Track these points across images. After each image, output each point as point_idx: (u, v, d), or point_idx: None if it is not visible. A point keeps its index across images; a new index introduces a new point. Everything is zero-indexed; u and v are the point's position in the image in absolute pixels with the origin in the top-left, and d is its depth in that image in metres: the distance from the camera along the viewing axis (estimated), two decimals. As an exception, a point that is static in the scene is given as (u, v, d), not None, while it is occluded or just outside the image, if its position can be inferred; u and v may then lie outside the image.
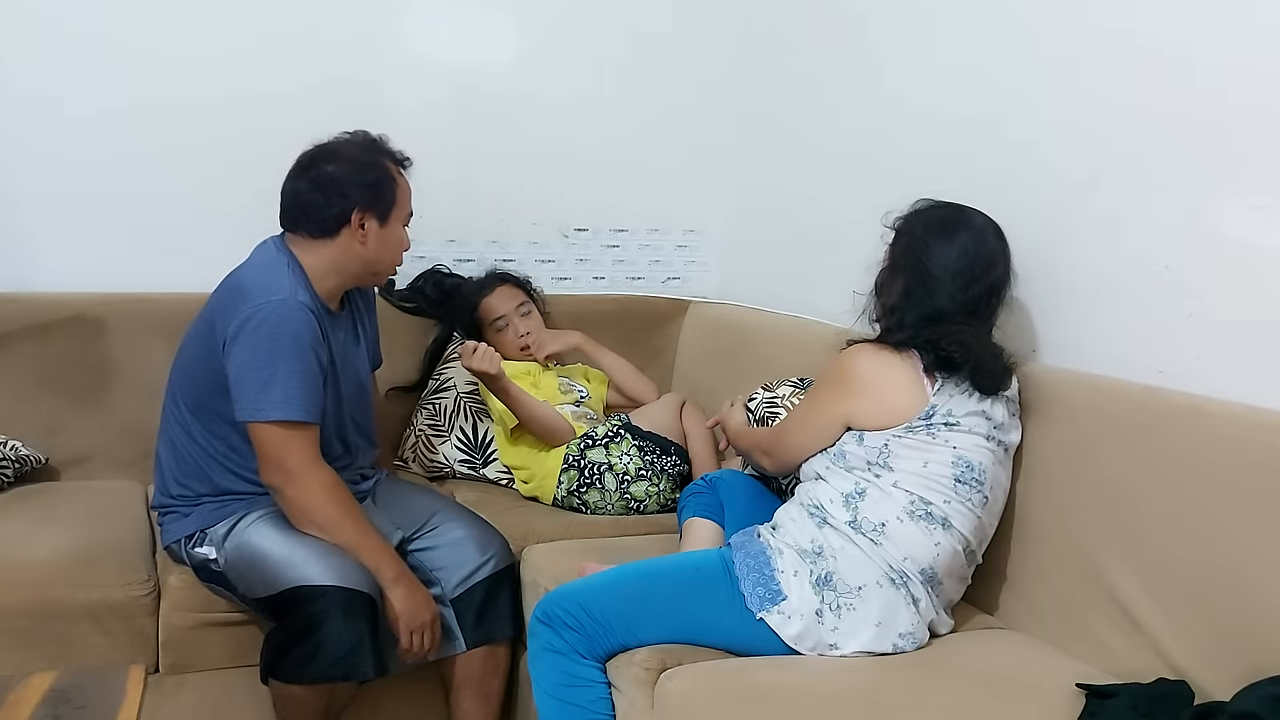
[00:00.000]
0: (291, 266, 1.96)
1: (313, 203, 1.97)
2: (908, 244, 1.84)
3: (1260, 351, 1.61)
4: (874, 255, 1.91)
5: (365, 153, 2.02)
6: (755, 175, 3.00)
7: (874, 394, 1.78)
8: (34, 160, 2.53)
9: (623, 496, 2.42)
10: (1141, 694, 1.48)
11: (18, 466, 2.33)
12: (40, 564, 1.97)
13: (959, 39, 2.22)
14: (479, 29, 2.88)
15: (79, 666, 1.86)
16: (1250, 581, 1.49)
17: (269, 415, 1.86)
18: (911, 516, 1.73)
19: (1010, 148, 2.07)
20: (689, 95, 3.05)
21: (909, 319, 1.80)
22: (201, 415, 1.99)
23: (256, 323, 1.87)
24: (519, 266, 2.85)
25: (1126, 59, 1.83)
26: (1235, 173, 1.65)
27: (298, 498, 1.91)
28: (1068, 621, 1.77)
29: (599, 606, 1.76)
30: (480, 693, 2.09)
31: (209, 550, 1.98)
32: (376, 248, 2.01)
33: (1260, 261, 1.61)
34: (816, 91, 2.71)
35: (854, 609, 1.70)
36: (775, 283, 2.85)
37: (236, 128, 2.64)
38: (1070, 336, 1.92)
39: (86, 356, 2.48)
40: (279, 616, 1.89)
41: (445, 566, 2.07)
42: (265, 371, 1.86)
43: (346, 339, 2.09)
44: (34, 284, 2.53)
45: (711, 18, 3.03)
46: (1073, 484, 1.78)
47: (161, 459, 2.07)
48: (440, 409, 2.66)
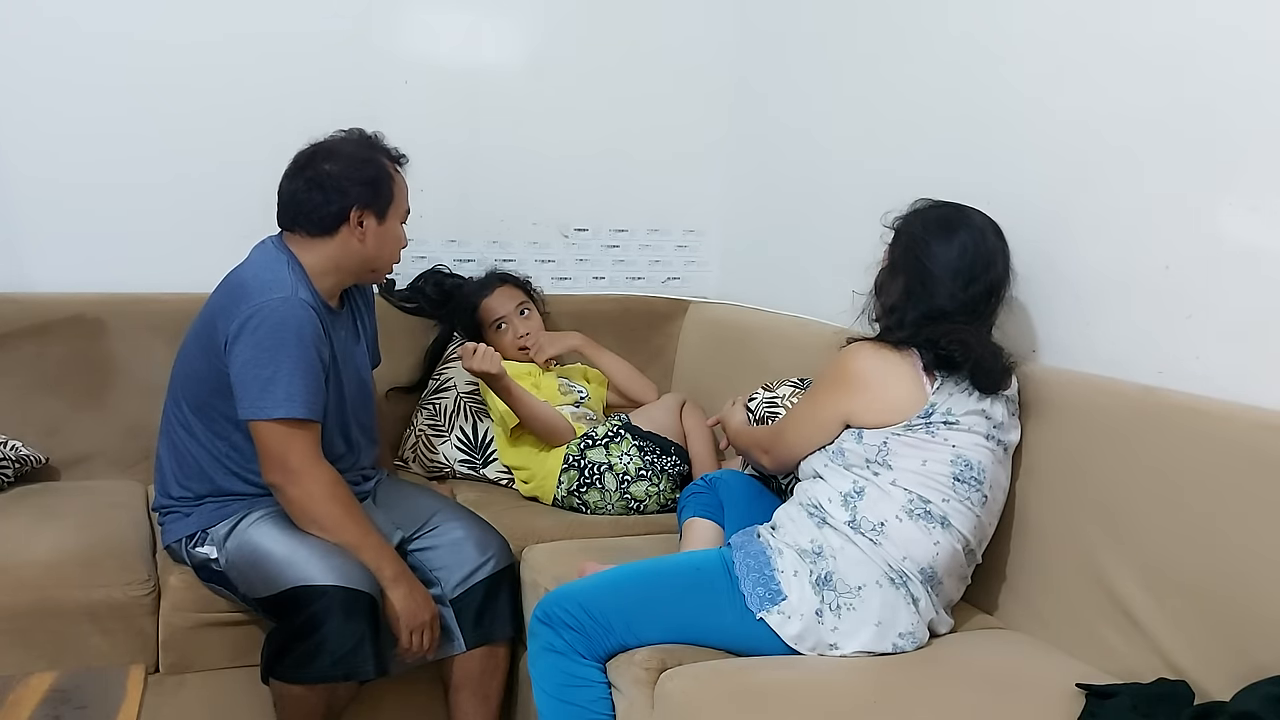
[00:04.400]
0: (291, 265, 1.96)
1: (311, 201, 1.97)
2: (907, 243, 1.85)
3: (1260, 351, 1.61)
4: (874, 255, 1.91)
5: (362, 150, 2.02)
6: (755, 175, 3.00)
7: (873, 391, 1.78)
8: (34, 161, 2.53)
9: (623, 496, 2.42)
10: (1141, 694, 1.48)
11: (18, 466, 2.33)
12: (40, 564, 1.97)
13: (958, 39, 2.22)
14: (480, 29, 2.88)
15: (79, 666, 1.86)
16: (1250, 581, 1.49)
17: (272, 413, 1.86)
18: (910, 515, 1.73)
19: (1010, 148, 2.06)
20: (689, 95, 3.05)
21: (909, 318, 1.80)
22: (204, 415, 1.99)
23: (258, 321, 1.87)
24: (519, 266, 2.85)
25: (1126, 58, 1.83)
26: (1235, 173, 1.65)
27: (299, 496, 1.91)
28: (1068, 621, 1.77)
29: (599, 606, 1.76)
30: (480, 693, 2.09)
31: (210, 550, 1.98)
32: (375, 245, 2.01)
33: (1260, 262, 1.61)
34: (816, 92, 2.71)
35: (854, 609, 1.70)
36: (775, 283, 2.85)
37: (236, 128, 2.64)
38: (1070, 336, 1.92)
39: (86, 356, 2.48)
40: (280, 616, 1.89)
41: (445, 566, 2.07)
42: (268, 369, 1.86)
43: (348, 336, 2.09)
44: (34, 284, 2.53)
45: (711, 18, 3.03)
46: (1073, 484, 1.78)
47: (162, 461, 2.07)
48: (440, 409, 2.66)
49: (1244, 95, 1.63)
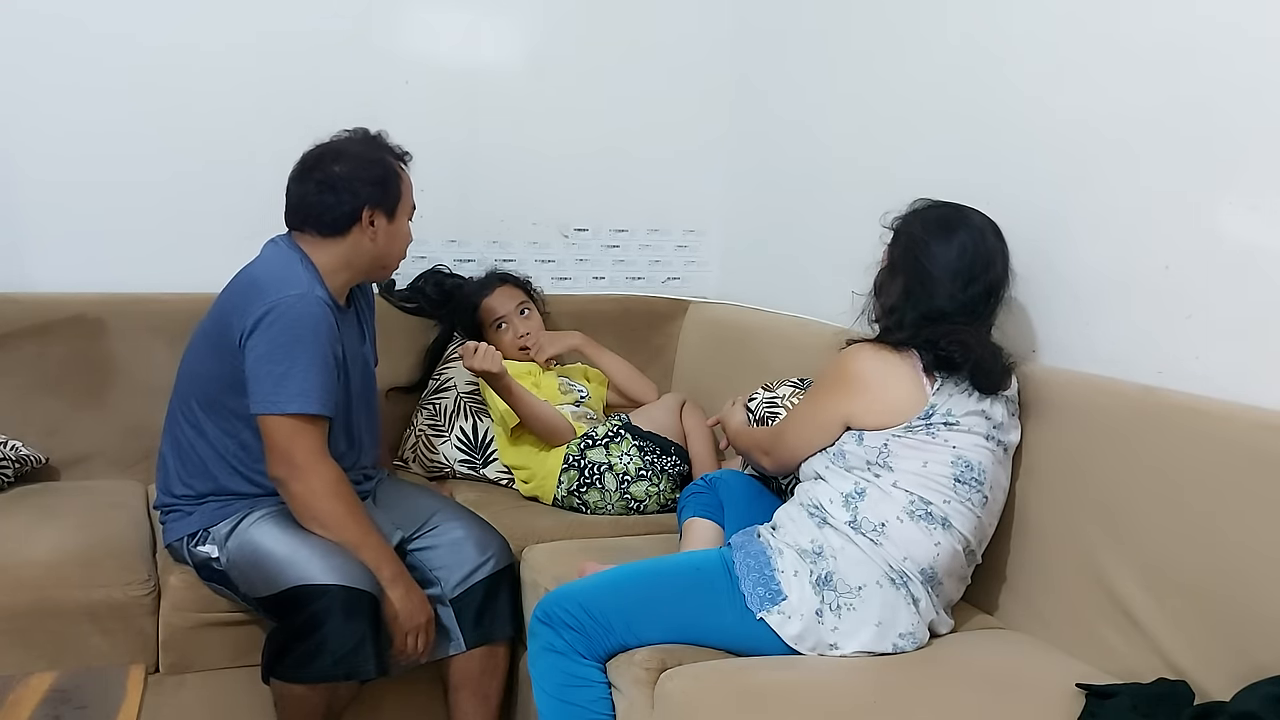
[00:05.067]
0: (304, 263, 1.97)
1: (322, 203, 1.98)
2: (906, 244, 1.85)
3: (1260, 351, 1.61)
4: (874, 255, 1.91)
5: (370, 150, 2.03)
6: (755, 175, 3.00)
7: (873, 393, 1.78)
8: (35, 161, 2.53)
9: (623, 496, 2.42)
10: (1141, 694, 1.48)
11: (18, 466, 2.33)
12: (40, 564, 1.97)
13: (958, 38, 2.22)
14: (480, 29, 2.88)
15: (79, 666, 1.86)
16: (1250, 581, 1.49)
17: (284, 408, 1.87)
18: (911, 516, 1.73)
19: (1009, 147, 2.06)
20: (689, 94, 3.05)
21: (908, 319, 1.80)
22: (214, 412, 1.99)
23: (275, 316, 1.87)
24: (519, 266, 2.85)
25: (1125, 57, 1.83)
26: (1235, 173, 1.65)
27: (302, 492, 1.91)
28: (1068, 621, 1.77)
29: (599, 606, 1.76)
30: (479, 693, 2.09)
31: (211, 549, 1.98)
32: (385, 243, 2.03)
33: (1260, 262, 1.61)
34: (816, 92, 2.71)
35: (854, 609, 1.70)
36: (775, 283, 2.85)
37: (236, 129, 2.64)
38: (1070, 337, 1.92)
39: (86, 356, 2.48)
40: (280, 616, 1.89)
41: (445, 566, 2.07)
42: (283, 365, 1.87)
43: (355, 335, 2.10)
44: (34, 284, 2.53)
45: (711, 18, 3.03)
46: (1073, 484, 1.78)
47: (166, 459, 2.07)
48: (440, 409, 2.66)
49: (1244, 93, 1.63)
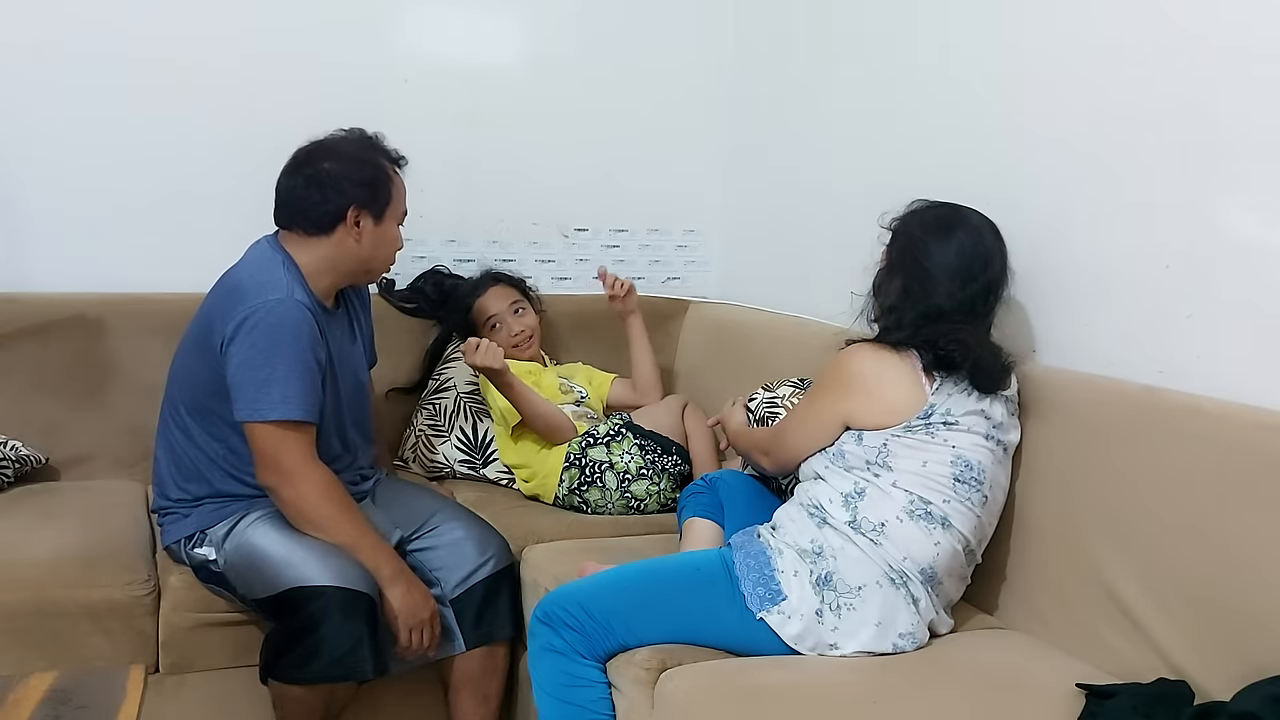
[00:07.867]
0: (287, 265, 1.96)
1: (308, 199, 1.97)
2: (905, 244, 1.85)
3: (1260, 351, 1.61)
4: (872, 255, 1.91)
5: (362, 150, 2.02)
6: (755, 176, 3.00)
7: (873, 393, 1.78)
8: (34, 161, 2.53)
9: (623, 495, 2.42)
10: (1141, 694, 1.47)
11: (18, 466, 2.33)
12: (40, 564, 1.97)
13: (958, 39, 2.22)
14: (480, 29, 2.88)
15: (79, 666, 1.86)
16: (1250, 581, 1.49)
17: (268, 415, 1.86)
18: (911, 516, 1.73)
19: (1009, 147, 2.06)
20: (689, 94, 3.05)
21: (907, 319, 1.80)
22: (201, 417, 1.99)
23: (254, 322, 1.87)
24: (519, 266, 2.85)
25: (1125, 58, 1.82)
26: (1235, 173, 1.65)
27: (293, 498, 1.91)
28: (1068, 621, 1.77)
29: (599, 606, 1.75)
30: (479, 693, 2.09)
31: (208, 551, 1.98)
32: (371, 245, 2.01)
33: (1260, 262, 1.61)
34: (815, 92, 2.71)
35: (854, 609, 1.70)
36: (775, 283, 2.85)
37: (236, 128, 2.64)
38: (1070, 336, 1.92)
39: (86, 356, 2.48)
40: (278, 617, 1.89)
41: (444, 566, 2.07)
42: (264, 371, 1.86)
43: (344, 337, 2.09)
44: (34, 284, 2.53)
45: (711, 18, 3.03)
46: (1072, 484, 1.78)
47: (160, 463, 2.07)
48: (440, 409, 2.66)
49: (1244, 94, 1.63)
